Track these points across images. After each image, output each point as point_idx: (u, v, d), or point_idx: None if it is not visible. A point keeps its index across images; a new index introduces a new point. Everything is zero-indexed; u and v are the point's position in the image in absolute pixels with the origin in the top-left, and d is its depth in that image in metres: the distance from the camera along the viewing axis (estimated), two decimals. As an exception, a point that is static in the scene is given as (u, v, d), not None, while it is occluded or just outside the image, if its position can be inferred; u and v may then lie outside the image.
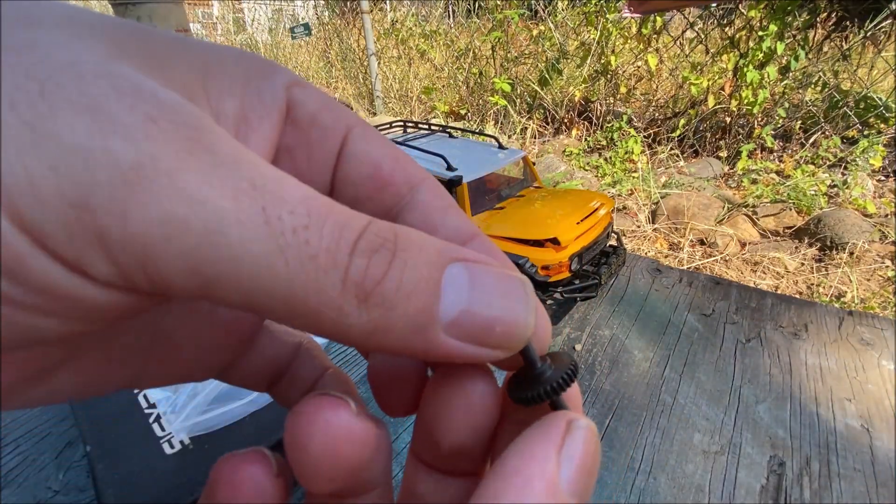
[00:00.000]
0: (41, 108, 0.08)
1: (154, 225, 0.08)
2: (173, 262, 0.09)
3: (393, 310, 0.10)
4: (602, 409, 0.71)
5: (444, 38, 3.41)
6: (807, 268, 1.53)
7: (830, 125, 2.15)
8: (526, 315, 0.11)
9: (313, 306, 0.10)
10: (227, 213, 0.09)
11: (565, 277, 0.79)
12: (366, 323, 0.10)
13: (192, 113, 0.10)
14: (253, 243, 0.09)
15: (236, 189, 0.09)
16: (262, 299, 0.09)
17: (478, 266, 0.11)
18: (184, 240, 0.09)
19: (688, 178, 2.12)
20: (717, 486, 0.58)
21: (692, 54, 2.55)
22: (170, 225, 0.08)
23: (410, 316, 0.10)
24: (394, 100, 3.41)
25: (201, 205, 0.09)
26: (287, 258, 0.09)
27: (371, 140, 0.14)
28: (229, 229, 0.09)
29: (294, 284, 0.09)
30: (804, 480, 0.59)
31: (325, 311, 0.10)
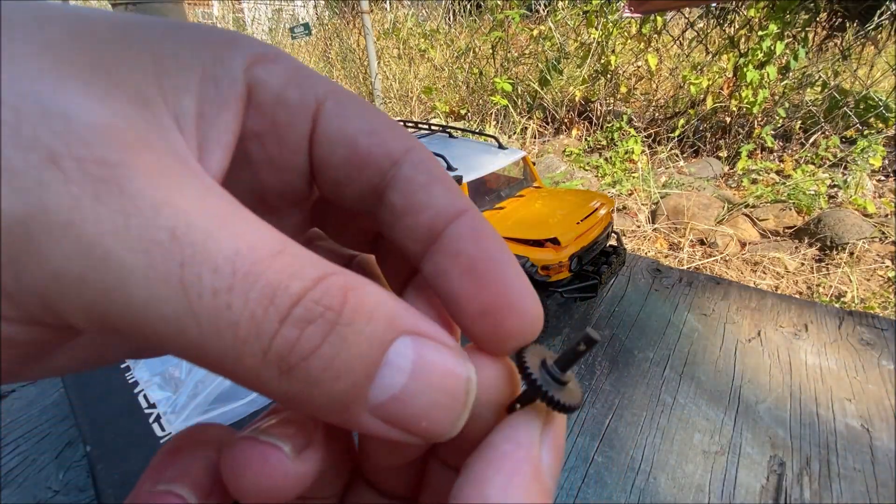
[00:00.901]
0: None
1: (49, 280, 0.08)
2: (75, 312, 0.08)
3: (316, 387, 0.09)
4: (602, 409, 0.71)
5: (444, 37, 3.41)
6: (807, 268, 1.53)
7: (830, 125, 2.16)
8: (457, 418, 0.11)
9: (228, 369, 0.09)
10: (133, 269, 0.08)
11: (565, 277, 0.79)
12: (284, 393, 0.09)
13: (111, 142, 0.08)
14: (161, 304, 0.08)
15: (150, 241, 0.08)
16: (174, 351, 0.09)
17: (427, 346, 0.10)
18: (81, 297, 0.08)
19: (688, 178, 2.12)
20: (717, 486, 0.58)
21: (692, 54, 2.55)
22: (64, 281, 0.08)
23: (334, 394, 0.09)
24: (394, 100, 3.41)
25: (101, 261, 0.08)
26: (201, 322, 0.08)
27: (344, 113, 0.12)
28: (134, 289, 0.08)
29: (208, 350, 0.09)
30: (804, 480, 0.59)
31: (242, 375, 0.09)
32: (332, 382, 0.09)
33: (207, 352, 0.09)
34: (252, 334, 0.09)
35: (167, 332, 0.08)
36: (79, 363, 0.13)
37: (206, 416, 0.51)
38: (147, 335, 0.08)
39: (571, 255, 0.77)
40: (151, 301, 0.08)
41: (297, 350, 0.09)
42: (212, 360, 0.09)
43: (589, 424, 0.68)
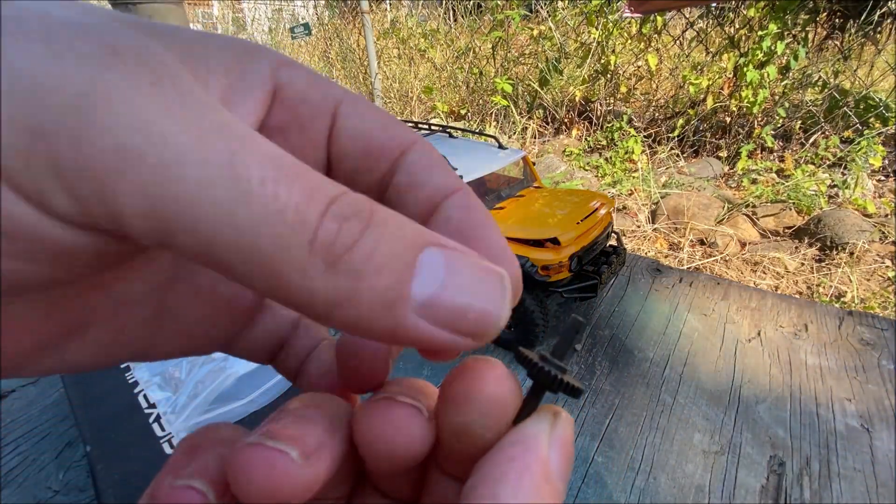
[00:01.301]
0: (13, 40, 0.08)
1: (107, 154, 0.08)
2: (129, 197, 0.08)
3: (361, 280, 0.09)
4: (602, 409, 0.71)
5: (444, 37, 3.41)
6: (807, 268, 1.53)
7: (830, 125, 2.15)
8: (502, 305, 0.11)
9: (276, 265, 0.09)
10: (187, 150, 0.08)
11: (565, 277, 0.79)
12: (331, 291, 0.09)
13: (162, 56, 0.09)
14: (214, 187, 0.08)
15: (202, 128, 0.09)
16: (221, 251, 0.09)
17: (456, 253, 0.11)
18: (138, 173, 0.08)
19: (688, 178, 2.12)
20: (717, 486, 0.58)
21: (692, 54, 2.55)
22: (123, 155, 0.08)
23: (379, 290, 0.10)
24: (394, 100, 3.41)
25: (160, 137, 0.08)
26: (252, 209, 0.09)
27: (360, 111, 0.14)
28: (189, 168, 0.08)
29: (257, 238, 0.09)
30: (804, 480, 0.59)
31: (288, 273, 0.09)
32: (375, 276, 0.09)
33: (258, 242, 0.09)
34: (298, 221, 0.09)
35: (217, 216, 0.08)
36: (92, 357, 0.13)
37: (206, 417, 0.51)
38: (199, 222, 0.08)
39: (571, 255, 0.77)
40: (204, 182, 0.08)
41: (339, 241, 0.09)
42: (260, 256, 0.09)
43: (589, 424, 0.68)
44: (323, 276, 0.09)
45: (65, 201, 0.08)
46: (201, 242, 0.09)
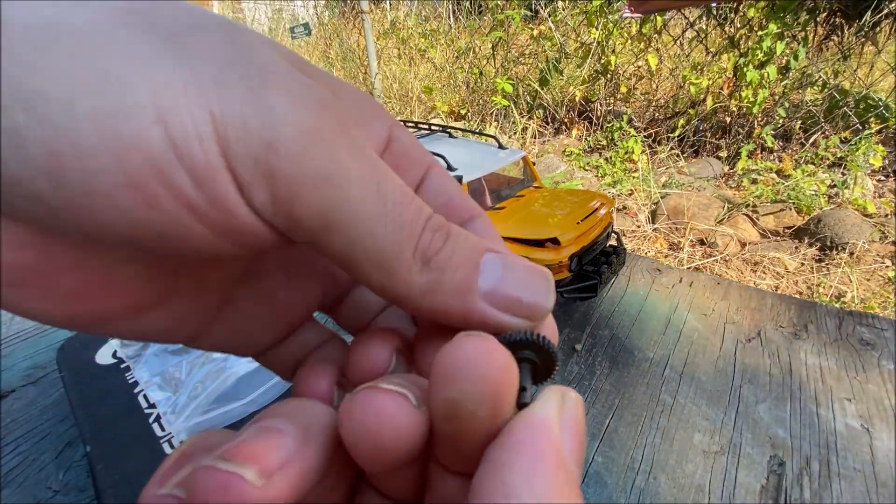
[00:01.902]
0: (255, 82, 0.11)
1: (309, 172, 0.12)
2: (312, 202, 0.12)
3: (444, 274, 0.13)
4: (602, 409, 0.71)
5: (444, 37, 3.41)
6: (807, 268, 1.53)
7: (830, 125, 2.15)
8: (548, 294, 0.14)
9: (391, 262, 0.13)
10: (355, 177, 0.12)
11: (565, 277, 0.79)
12: (424, 282, 0.13)
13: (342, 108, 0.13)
14: (367, 203, 0.12)
15: (363, 164, 0.12)
16: (358, 250, 0.12)
17: (509, 258, 0.14)
18: (324, 187, 0.12)
19: (688, 178, 2.12)
20: (717, 486, 0.58)
21: (692, 54, 2.55)
22: (319, 175, 0.12)
23: (457, 281, 0.13)
24: (394, 100, 3.41)
25: (342, 166, 0.12)
26: (386, 221, 0.13)
27: (445, 177, 0.18)
28: (353, 189, 0.12)
29: (385, 243, 0.13)
30: (804, 480, 0.59)
31: (398, 268, 0.13)
32: (453, 271, 0.13)
33: (385, 246, 0.13)
34: (410, 234, 0.13)
35: (366, 226, 0.12)
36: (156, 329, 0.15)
37: (206, 417, 0.51)
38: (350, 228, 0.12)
39: (571, 255, 0.77)
40: (361, 200, 0.12)
41: (432, 246, 0.13)
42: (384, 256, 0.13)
43: (589, 424, 0.68)
44: (420, 271, 0.13)
45: (264, 198, 0.12)
46: (347, 241, 0.12)
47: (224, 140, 0.11)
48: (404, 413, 0.12)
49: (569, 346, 0.84)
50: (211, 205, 0.11)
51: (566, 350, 0.84)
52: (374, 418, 0.11)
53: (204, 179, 0.11)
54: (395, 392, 0.12)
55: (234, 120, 0.11)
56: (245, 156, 0.11)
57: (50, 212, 0.10)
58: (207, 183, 0.11)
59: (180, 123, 0.10)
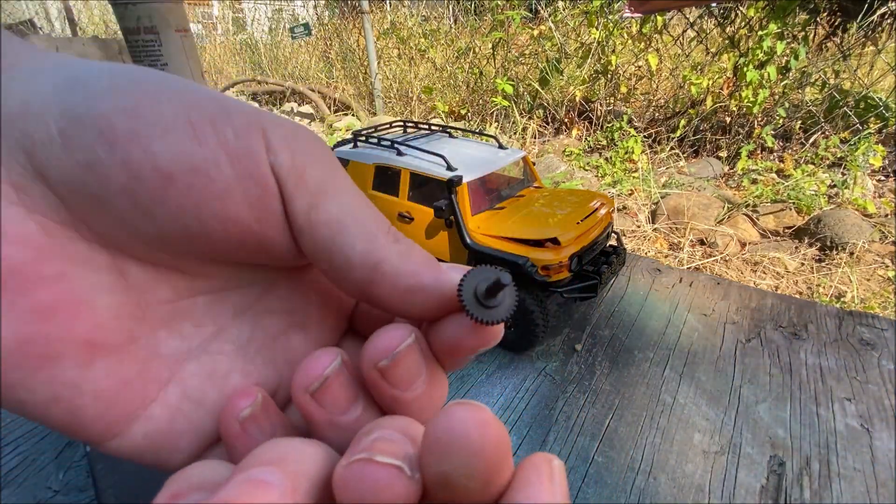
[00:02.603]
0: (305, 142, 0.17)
1: (320, 182, 0.16)
2: (328, 211, 0.16)
3: (413, 247, 0.17)
4: (602, 409, 0.71)
5: (444, 37, 3.41)
6: (807, 268, 1.53)
7: (830, 125, 2.15)
8: None
9: (376, 233, 0.16)
10: (356, 208, 0.17)
11: (565, 277, 0.79)
12: (399, 249, 0.17)
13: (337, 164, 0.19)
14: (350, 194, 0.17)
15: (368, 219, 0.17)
16: (347, 217, 0.16)
17: None
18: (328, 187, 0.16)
19: (688, 178, 2.12)
20: (717, 486, 0.58)
21: (692, 54, 2.55)
22: (335, 214, 0.16)
23: (424, 255, 0.17)
24: (394, 100, 3.41)
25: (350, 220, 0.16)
26: (366, 208, 0.17)
27: None
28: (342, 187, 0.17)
29: (366, 219, 0.17)
30: (804, 480, 0.59)
31: (380, 238, 0.16)
32: (419, 249, 0.17)
33: (368, 221, 0.17)
34: (381, 220, 0.17)
35: (351, 205, 0.17)
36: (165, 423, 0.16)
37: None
38: (342, 201, 0.16)
39: (571, 255, 0.77)
40: (347, 195, 0.17)
41: (397, 234, 0.17)
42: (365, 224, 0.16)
43: (589, 424, 0.68)
44: (394, 245, 0.16)
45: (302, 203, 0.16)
46: (338, 210, 0.16)
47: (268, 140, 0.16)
48: (401, 486, 0.12)
49: (569, 346, 0.84)
50: (243, 178, 0.15)
51: (566, 350, 0.84)
52: (371, 494, 0.11)
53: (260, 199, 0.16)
54: (391, 466, 0.12)
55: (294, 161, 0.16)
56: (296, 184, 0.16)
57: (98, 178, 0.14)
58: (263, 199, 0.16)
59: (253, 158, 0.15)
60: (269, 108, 3.73)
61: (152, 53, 0.71)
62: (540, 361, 0.81)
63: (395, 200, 0.91)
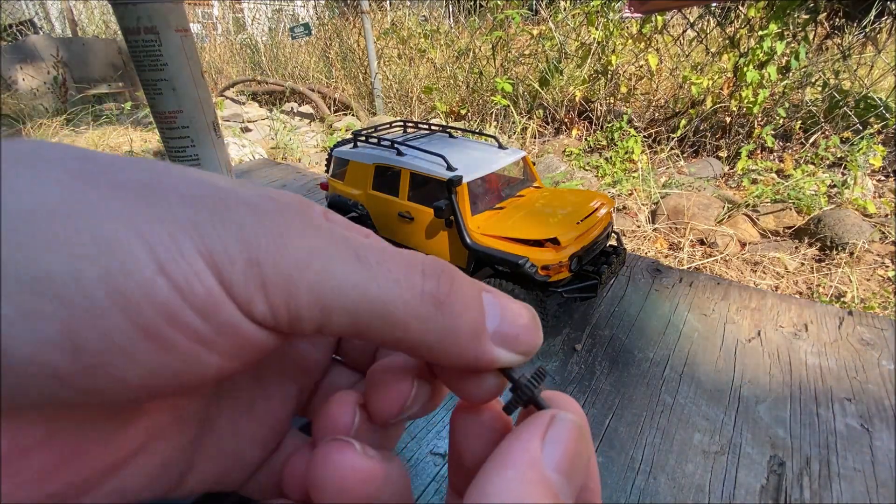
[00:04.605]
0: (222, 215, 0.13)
1: (293, 269, 0.13)
2: (305, 296, 0.13)
3: (460, 317, 0.14)
4: (602, 409, 0.71)
5: (444, 37, 3.40)
6: (807, 268, 1.53)
7: (830, 125, 2.15)
8: (539, 329, 0.15)
9: (400, 316, 0.13)
10: (333, 256, 0.13)
11: (565, 277, 0.79)
12: (441, 327, 0.14)
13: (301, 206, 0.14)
14: (352, 274, 0.13)
15: (336, 243, 0.13)
16: (364, 317, 0.13)
17: (500, 296, 0.15)
18: (309, 275, 0.13)
19: (688, 178, 2.12)
20: (717, 486, 0.58)
21: (692, 54, 2.55)
22: (300, 267, 0.13)
23: (471, 323, 0.14)
24: (394, 100, 3.41)
25: (316, 251, 0.13)
26: (378, 282, 0.13)
27: None
28: (336, 266, 0.13)
29: (386, 301, 0.13)
30: (804, 480, 0.59)
31: (409, 320, 0.13)
32: (467, 313, 0.14)
33: (387, 303, 0.13)
34: (407, 284, 0.13)
35: (359, 293, 0.13)
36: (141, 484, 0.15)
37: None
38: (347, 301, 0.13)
39: (571, 255, 0.77)
40: (346, 274, 0.13)
41: (440, 290, 0.14)
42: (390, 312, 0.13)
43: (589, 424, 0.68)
44: (434, 315, 0.14)
45: (262, 307, 0.12)
46: (351, 315, 0.13)
47: (219, 272, 0.12)
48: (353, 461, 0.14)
49: (569, 346, 0.84)
50: (219, 332, 0.12)
51: (566, 350, 0.84)
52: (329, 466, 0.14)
53: (210, 312, 0.12)
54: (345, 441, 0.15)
55: (220, 252, 0.12)
56: (238, 278, 0.12)
57: (62, 383, 0.11)
58: (213, 314, 0.12)
59: (180, 269, 0.11)
60: (269, 108, 3.73)
61: (152, 53, 0.71)
62: (540, 361, 0.81)
63: (395, 200, 0.91)
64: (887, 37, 2.22)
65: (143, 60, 0.71)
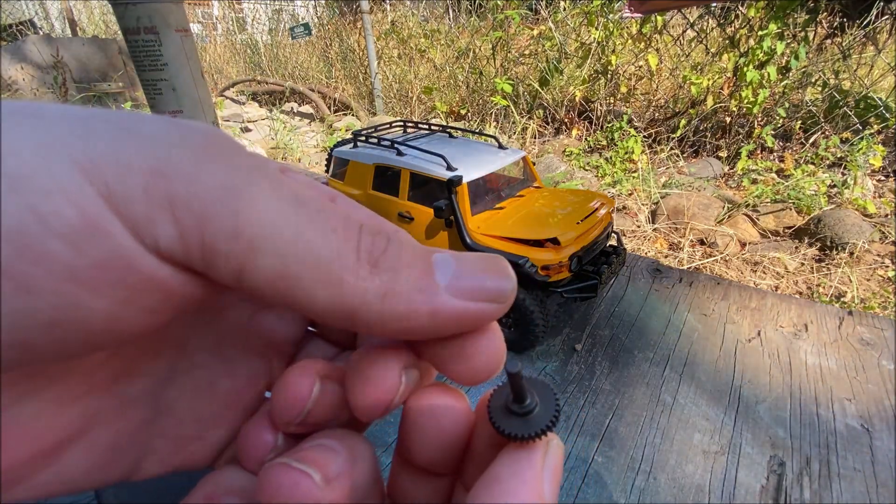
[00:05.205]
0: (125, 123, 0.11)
1: (211, 189, 0.10)
2: (223, 222, 0.10)
3: (399, 274, 0.12)
4: (602, 409, 0.71)
5: (444, 37, 3.41)
6: (807, 268, 1.53)
7: (830, 125, 2.15)
8: (509, 275, 0.13)
9: (335, 271, 0.12)
10: (267, 189, 0.11)
11: (565, 277, 0.79)
12: (379, 285, 0.12)
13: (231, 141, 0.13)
14: (288, 213, 0.11)
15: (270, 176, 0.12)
16: (294, 266, 0.11)
17: (457, 254, 0.14)
18: (233, 201, 0.11)
19: (688, 178, 2.12)
20: (717, 486, 0.58)
21: (692, 54, 2.55)
22: (223, 190, 0.11)
23: (413, 280, 0.12)
24: (394, 100, 3.41)
25: (248, 177, 0.11)
26: (315, 227, 0.12)
27: (353, 205, 0.17)
28: (269, 200, 0.11)
29: (321, 249, 0.11)
30: (804, 480, 0.59)
31: (345, 276, 0.12)
32: (408, 270, 0.12)
33: (321, 254, 0.11)
34: (344, 235, 0.12)
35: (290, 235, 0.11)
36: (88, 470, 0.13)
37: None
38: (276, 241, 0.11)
39: (571, 255, 0.77)
40: (280, 208, 0.11)
41: (376, 247, 0.12)
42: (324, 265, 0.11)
43: (589, 424, 0.68)
44: (370, 275, 0.12)
45: (169, 231, 0.10)
46: (280, 259, 0.11)
47: (105, 185, 0.09)
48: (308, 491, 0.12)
49: (569, 346, 0.84)
50: (101, 266, 0.09)
51: (566, 350, 0.84)
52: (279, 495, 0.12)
53: (84, 239, 0.09)
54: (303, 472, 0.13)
55: (108, 160, 0.10)
56: (134, 192, 0.10)
57: None
58: (89, 242, 0.09)
59: (38, 186, 0.09)
60: (269, 107, 3.73)
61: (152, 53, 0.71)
62: (540, 361, 0.81)
63: (395, 200, 0.91)
64: (887, 37, 2.22)
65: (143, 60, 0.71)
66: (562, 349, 0.85)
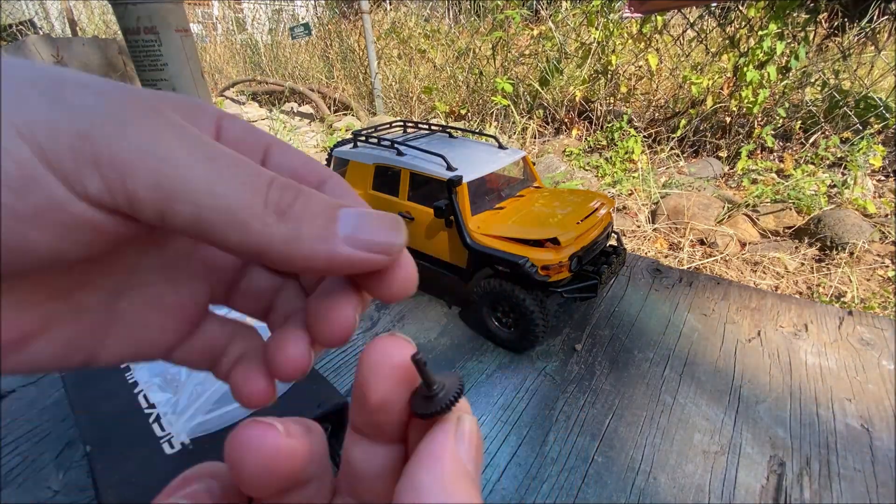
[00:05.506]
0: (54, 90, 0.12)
1: (132, 148, 0.12)
2: (144, 176, 0.12)
3: (302, 223, 0.14)
4: (602, 409, 0.71)
5: (444, 37, 3.40)
6: (807, 268, 1.53)
7: (830, 125, 2.15)
8: (399, 232, 0.16)
9: (244, 218, 0.14)
10: (179, 148, 0.13)
11: (565, 277, 0.79)
12: (285, 232, 0.14)
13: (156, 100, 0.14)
14: (199, 168, 0.13)
15: (185, 136, 0.13)
16: (207, 213, 0.13)
17: (363, 209, 0.16)
18: (150, 159, 0.13)
19: (688, 178, 2.12)
20: (717, 486, 0.58)
21: (692, 54, 2.55)
22: (141, 150, 0.13)
23: (316, 230, 0.15)
24: (394, 100, 3.41)
25: (163, 138, 0.13)
26: (225, 180, 0.13)
27: (286, 152, 0.19)
28: (181, 157, 0.13)
29: (230, 199, 0.13)
30: (804, 480, 0.59)
31: (252, 223, 0.14)
32: (312, 220, 0.15)
33: (231, 202, 0.13)
34: (254, 188, 0.14)
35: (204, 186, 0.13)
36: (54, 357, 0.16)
37: (207, 417, 0.51)
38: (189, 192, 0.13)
39: (571, 255, 0.77)
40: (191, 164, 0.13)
41: (283, 200, 0.14)
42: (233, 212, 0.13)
43: (589, 424, 0.68)
44: (276, 223, 0.14)
45: (97, 184, 0.12)
46: (195, 207, 0.13)
47: (38, 145, 0.12)
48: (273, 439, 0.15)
49: (569, 346, 0.84)
50: (40, 209, 0.12)
51: (566, 350, 0.84)
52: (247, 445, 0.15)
53: (22, 187, 0.12)
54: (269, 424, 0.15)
55: (40, 125, 0.12)
56: (63, 152, 0.12)
57: None
58: (27, 189, 0.12)
59: None
60: (269, 108, 3.73)
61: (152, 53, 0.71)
62: (540, 361, 0.81)
63: (395, 200, 0.91)
64: (887, 37, 2.22)
65: (143, 60, 0.71)
66: (562, 349, 0.85)
